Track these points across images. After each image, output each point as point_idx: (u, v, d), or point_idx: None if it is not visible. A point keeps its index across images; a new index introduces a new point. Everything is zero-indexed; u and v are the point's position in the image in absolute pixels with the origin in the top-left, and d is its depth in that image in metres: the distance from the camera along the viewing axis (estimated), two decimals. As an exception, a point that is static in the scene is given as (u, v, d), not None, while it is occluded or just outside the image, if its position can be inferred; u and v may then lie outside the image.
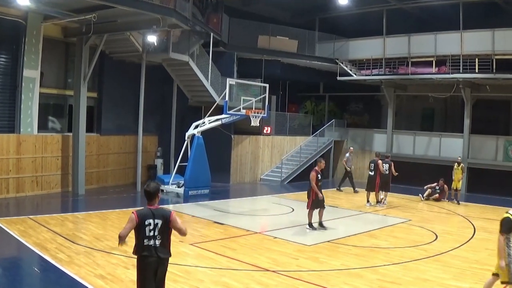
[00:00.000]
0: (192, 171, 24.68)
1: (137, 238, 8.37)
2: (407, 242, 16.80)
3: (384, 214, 22.11)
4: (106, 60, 26.78)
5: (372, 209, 23.30)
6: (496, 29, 27.88)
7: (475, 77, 28.99)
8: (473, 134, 30.47)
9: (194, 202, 23.38)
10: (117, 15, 21.50)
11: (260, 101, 24.82)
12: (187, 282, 11.41)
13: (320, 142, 35.04)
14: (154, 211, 8.41)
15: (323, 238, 16.75)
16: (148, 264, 8.33)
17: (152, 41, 25.07)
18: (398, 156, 31.76)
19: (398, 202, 25.44)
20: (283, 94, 37.82)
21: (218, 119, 24.72)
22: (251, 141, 31.70)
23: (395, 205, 24.73)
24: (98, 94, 26.99)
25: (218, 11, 29.47)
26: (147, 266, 8.33)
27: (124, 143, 27.85)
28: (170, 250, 8.67)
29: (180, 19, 22.08)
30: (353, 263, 13.83)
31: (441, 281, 12.35)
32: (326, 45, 35.23)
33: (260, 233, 17.43)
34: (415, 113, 37.63)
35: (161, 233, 8.39)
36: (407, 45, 31.62)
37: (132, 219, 8.29)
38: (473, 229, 19.40)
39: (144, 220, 8.29)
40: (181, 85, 29.23)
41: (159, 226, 8.35)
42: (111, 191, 25.22)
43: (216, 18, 29.18)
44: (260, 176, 32.47)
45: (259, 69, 32.07)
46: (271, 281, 11.90)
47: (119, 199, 23.40)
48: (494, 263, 10.36)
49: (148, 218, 8.31)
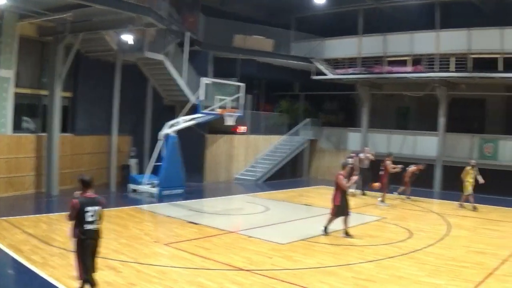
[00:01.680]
0: (166, 171, 24.60)
1: (78, 223, 9.64)
2: (382, 239, 16.91)
3: (359, 212, 22.17)
4: (81, 60, 26.47)
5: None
6: (473, 29, 28.17)
7: (450, 76, 29.28)
8: (448, 133, 30.72)
9: (168, 202, 23.26)
10: (93, 14, 21.44)
11: (235, 101, 24.82)
12: (162, 283, 11.37)
13: (295, 141, 35.12)
14: (92, 198, 9.79)
15: (298, 236, 16.76)
16: (88, 246, 9.70)
17: (128, 40, 24.94)
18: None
19: (372, 201, 25.55)
20: (258, 93, 37.80)
21: (193, 119, 24.69)
22: (226, 140, 31.65)
23: (369, 203, 24.86)
24: (73, 93, 26.72)
25: (194, 10, 29.46)
26: (87, 248, 9.70)
27: (98, 143, 27.58)
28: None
29: (156, 18, 22.06)
30: (327, 261, 13.88)
31: (416, 278, 12.45)
32: (301, 45, 35.33)
33: (235, 233, 17.39)
34: (390, 112, 37.77)
35: (98, 218, 9.81)
36: (382, 44, 31.86)
37: (76, 206, 9.59)
38: (448, 226, 19.51)
39: (85, 207, 9.59)
40: (156, 84, 29.12)
41: (97, 211, 9.76)
42: (85, 192, 25.02)
43: (192, 17, 29.19)
44: (234, 176, 32.42)
45: (235, 68, 32.06)
46: (246, 280, 11.89)
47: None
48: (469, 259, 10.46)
49: (88, 205, 9.64)
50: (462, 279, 12.44)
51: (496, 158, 28.82)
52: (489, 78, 28.27)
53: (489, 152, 28.94)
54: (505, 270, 13.42)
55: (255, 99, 37.06)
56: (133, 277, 11.63)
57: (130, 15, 20.83)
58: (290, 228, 18.63)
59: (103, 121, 27.14)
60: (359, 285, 11.87)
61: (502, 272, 13.16)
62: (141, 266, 12.53)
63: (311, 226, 18.71)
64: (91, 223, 9.66)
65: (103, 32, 24.22)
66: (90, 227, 9.66)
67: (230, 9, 33.92)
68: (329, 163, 34.69)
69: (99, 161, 27.61)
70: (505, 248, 16.01)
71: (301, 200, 25.54)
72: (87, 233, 9.63)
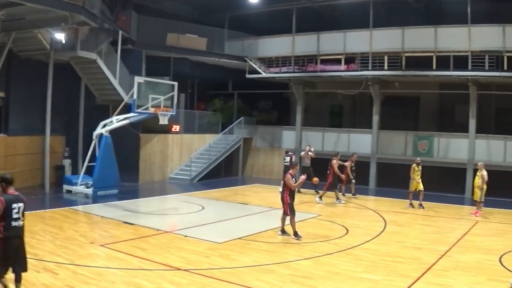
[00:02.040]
0: (101, 171, 24.35)
1: (3, 220, 9.73)
2: (318, 236, 17.09)
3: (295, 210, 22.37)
4: (14, 59, 25.91)
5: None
6: (406, 27, 28.83)
7: (384, 74, 29.84)
8: (382, 130, 31.25)
9: (103, 202, 22.98)
10: (26, 12, 21.08)
11: (169, 99, 24.67)
12: (99, 284, 11.27)
13: (229, 140, 35.13)
14: (16, 196, 10.05)
15: (234, 235, 16.81)
16: (13, 244, 9.85)
17: (60, 39, 24.58)
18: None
19: (308, 198, 25.76)
20: (191, 92, 37.71)
21: (126, 118, 24.49)
22: (159, 139, 31.48)
23: (305, 200, 25.06)
24: (5, 94, 26.17)
25: (126, 8, 29.21)
26: (12, 245, 9.84)
27: (32, 144, 27.05)
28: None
29: (89, 17, 21.80)
30: (264, 259, 13.99)
31: (353, 274, 12.67)
32: (235, 43, 35.44)
33: (171, 232, 17.35)
34: (324, 110, 38.19)
35: (23, 215, 10.03)
36: (316, 43, 32.17)
37: (3, 203, 9.71)
38: (384, 222, 19.86)
39: (11, 204, 9.81)
40: (89, 83, 28.75)
41: (21, 208, 10.01)
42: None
43: (125, 16, 28.93)
44: (169, 175, 32.28)
45: (168, 67, 32.02)
46: (183, 280, 11.91)
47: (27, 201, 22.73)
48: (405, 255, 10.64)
49: (14, 203, 9.87)
50: (399, 274, 12.71)
51: (431, 155, 29.37)
52: (422, 76, 28.93)
53: (423, 149, 29.48)
54: (442, 265, 13.73)
55: (189, 98, 37.00)
56: (70, 279, 11.50)
57: (63, 13, 20.55)
58: (226, 227, 18.67)
59: (37, 121, 26.68)
60: (296, 282, 11.98)
61: (439, 267, 13.47)
62: (78, 267, 12.40)
63: (247, 225, 18.82)
64: (16, 219, 9.88)
65: (35, 31, 23.84)
66: (16, 224, 9.87)
67: (162, 7, 33.70)
68: (264, 162, 34.96)
69: (33, 162, 27.11)
70: (441, 243, 16.37)
71: (237, 199, 25.60)
72: (13, 229, 9.83)
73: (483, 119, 30.05)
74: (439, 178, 29.33)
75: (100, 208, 21.79)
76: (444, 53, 27.61)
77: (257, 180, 30.38)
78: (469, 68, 26.73)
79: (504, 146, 27.49)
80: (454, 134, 29.32)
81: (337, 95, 34.22)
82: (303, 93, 34.78)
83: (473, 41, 26.84)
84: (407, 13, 30.25)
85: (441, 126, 32.29)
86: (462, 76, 27.32)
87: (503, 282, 12.12)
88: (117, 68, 27.68)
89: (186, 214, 21.45)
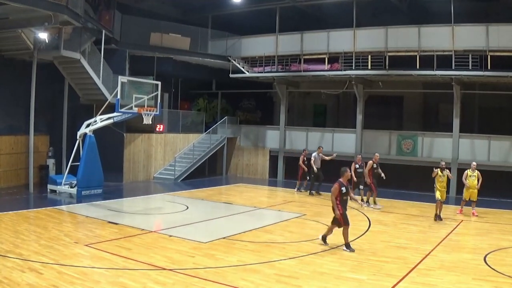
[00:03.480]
0: (85, 170, 24.26)
1: None
2: (303, 236, 17.13)
3: (279, 210, 22.41)
4: (-4, 59, 25.97)
5: (267, 204, 23.68)
6: (389, 27, 28.92)
7: (367, 74, 29.93)
8: (366, 130, 31.41)
9: (87, 202, 22.90)
10: (9, 12, 20.99)
11: (153, 99, 24.68)
12: (84, 284, 11.25)
13: (213, 139, 35.15)
14: None
15: (219, 235, 16.83)
16: None
17: (44, 39, 24.49)
18: (292, 151, 32.52)
19: (292, 197, 25.83)
20: (175, 92, 37.63)
21: (110, 118, 24.45)
22: (143, 139, 31.45)
23: (289, 200, 25.12)
24: (-12, 93, 26.18)
25: (110, 8, 29.16)
26: None
27: (15, 144, 26.97)
28: None
29: (72, 16, 21.77)
30: (249, 259, 14.01)
31: (339, 274, 12.72)
32: (219, 43, 35.38)
33: (155, 232, 17.36)
34: (308, 110, 38.35)
35: None
36: (299, 42, 32.22)
37: None
38: (368, 221, 19.96)
39: None
40: (73, 83, 28.59)
41: None
42: (3, 193, 24.34)
43: (108, 15, 28.87)
44: (153, 175, 32.25)
45: (151, 66, 31.98)
46: (168, 279, 11.91)
47: (11, 201, 22.65)
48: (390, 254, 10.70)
49: None
50: (384, 273, 12.77)
51: (415, 155, 29.53)
52: (406, 75, 29.07)
53: (407, 149, 29.63)
54: (427, 264, 13.81)
55: (173, 97, 36.97)
56: (55, 278, 11.46)
57: (47, 13, 20.50)
58: (211, 227, 18.74)
59: (21, 121, 26.59)
60: (281, 281, 12.01)
61: (424, 266, 13.55)
62: (63, 267, 12.37)
63: (231, 225, 18.87)
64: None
65: (19, 31, 23.73)
66: None
67: (146, 7, 33.58)
68: (248, 161, 35.01)
69: (17, 161, 27.05)
70: (426, 242, 16.47)
71: (221, 198, 25.63)
72: None
73: (467, 118, 30.25)
74: (423, 178, 29.46)
75: (84, 207, 21.72)
76: (428, 53, 27.72)
77: (241, 180, 30.42)
78: (452, 67, 26.83)
79: (488, 145, 27.69)
80: (438, 133, 29.55)
81: (321, 94, 34.30)
82: (286, 92, 34.89)
83: (456, 41, 26.98)
84: (390, 13, 30.43)
85: (425, 126, 32.51)
86: (446, 76, 27.48)
87: (488, 281, 12.23)
88: (101, 67, 27.58)
89: (171, 214, 21.47)
